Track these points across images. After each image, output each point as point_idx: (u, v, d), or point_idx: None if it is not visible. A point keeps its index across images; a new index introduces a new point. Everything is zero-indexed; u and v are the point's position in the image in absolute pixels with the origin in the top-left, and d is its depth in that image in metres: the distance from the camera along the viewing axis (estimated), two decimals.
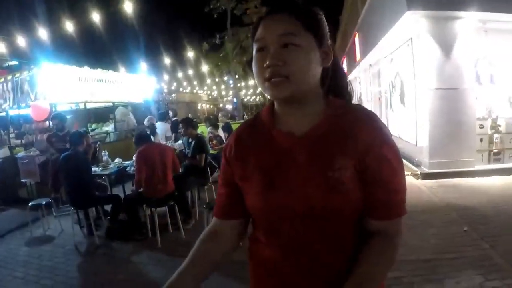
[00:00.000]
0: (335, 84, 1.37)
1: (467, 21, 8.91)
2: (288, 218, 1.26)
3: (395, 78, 12.16)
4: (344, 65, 26.16)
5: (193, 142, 7.46)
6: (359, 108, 1.31)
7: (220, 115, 13.71)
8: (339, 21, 36.23)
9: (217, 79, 34.42)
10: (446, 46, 8.93)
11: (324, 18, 1.31)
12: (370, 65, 17.00)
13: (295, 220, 1.24)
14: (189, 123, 7.74)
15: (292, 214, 1.24)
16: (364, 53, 16.10)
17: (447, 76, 8.95)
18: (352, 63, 20.85)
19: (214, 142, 9.85)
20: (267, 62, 1.18)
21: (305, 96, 1.25)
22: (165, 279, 3.74)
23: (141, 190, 6.47)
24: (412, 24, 9.29)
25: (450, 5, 8.53)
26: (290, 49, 1.18)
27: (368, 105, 18.87)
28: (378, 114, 11.36)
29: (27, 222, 7.56)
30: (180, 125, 7.84)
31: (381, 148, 1.22)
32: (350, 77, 25.08)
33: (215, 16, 25.42)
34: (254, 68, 1.25)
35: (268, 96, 1.27)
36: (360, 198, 1.23)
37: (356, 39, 18.07)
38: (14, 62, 16.09)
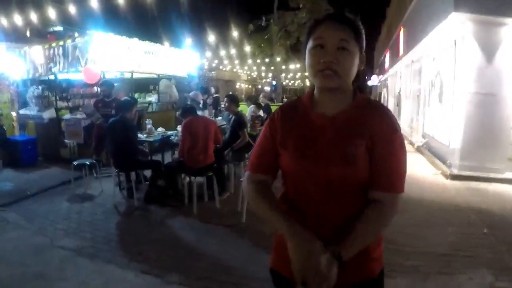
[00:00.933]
0: (361, 84, 1.72)
1: None
2: (312, 181, 1.60)
3: (436, 78, 12.10)
4: (387, 59, 25.92)
5: (233, 118, 7.69)
6: (378, 104, 1.69)
7: (261, 96, 13.87)
8: (386, 13, 35.82)
9: (258, 60, 34.37)
10: (489, 51, 8.87)
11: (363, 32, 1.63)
12: (413, 61, 16.84)
13: (318, 183, 1.59)
14: (233, 100, 8.01)
15: (316, 178, 1.59)
16: (408, 49, 15.95)
17: (487, 81, 8.91)
18: (395, 57, 20.66)
19: (256, 122, 9.92)
20: (325, 58, 1.52)
21: (343, 89, 1.61)
22: (197, 242, 4.12)
23: (182, 159, 6.78)
24: (457, 26, 9.22)
25: (496, 11, 8.43)
26: (343, 52, 1.52)
27: (406, 101, 18.75)
28: (415, 111, 11.50)
29: (68, 180, 8.02)
30: (225, 100, 8.07)
31: (390, 135, 1.57)
32: (391, 72, 24.85)
33: None
34: (309, 59, 1.59)
35: (317, 84, 1.62)
36: (367, 170, 1.57)
37: (401, 33, 17.90)
38: (59, 28, 16.46)
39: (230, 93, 9.51)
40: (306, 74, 1.66)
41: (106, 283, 4.24)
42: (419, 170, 10.15)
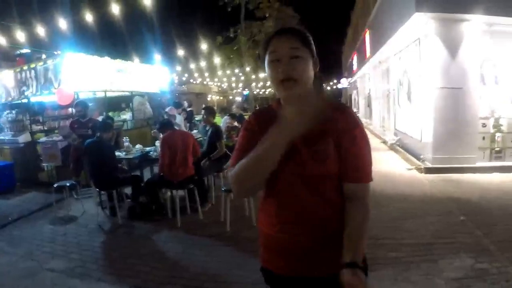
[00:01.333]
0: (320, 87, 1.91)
1: (473, 24, 9.25)
2: (289, 180, 1.76)
3: (403, 76, 12.49)
4: (355, 61, 26.31)
5: (210, 130, 7.85)
6: (339, 104, 1.86)
7: (234, 106, 14.04)
8: (350, 15, 36.33)
9: (228, 72, 34.54)
10: (452, 47, 9.28)
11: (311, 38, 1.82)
12: (380, 62, 17.25)
13: (295, 181, 1.75)
14: (211, 112, 8.22)
15: (292, 177, 1.75)
16: (374, 50, 16.39)
17: (453, 76, 9.30)
18: (362, 60, 21.05)
19: (232, 132, 9.99)
20: (282, 67, 1.69)
21: (305, 94, 1.73)
22: (184, 253, 4.36)
23: (162, 174, 6.93)
24: (420, 25, 9.61)
25: (457, 8, 8.85)
26: (297, 59, 1.69)
27: (376, 101, 19.13)
28: (386, 110, 11.85)
29: (49, 203, 8.08)
30: (202, 112, 8.23)
31: (353, 130, 1.73)
32: (359, 73, 25.25)
33: (229, 9, 25.59)
34: (269, 73, 1.76)
35: (281, 95, 1.80)
36: (335, 166, 1.73)
37: (367, 35, 18.29)
38: (26, 50, 16.35)
39: (208, 105, 9.64)
40: None
41: None
42: (394, 167, 10.49)
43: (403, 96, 12.79)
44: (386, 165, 10.82)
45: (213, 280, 4.56)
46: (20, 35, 14.41)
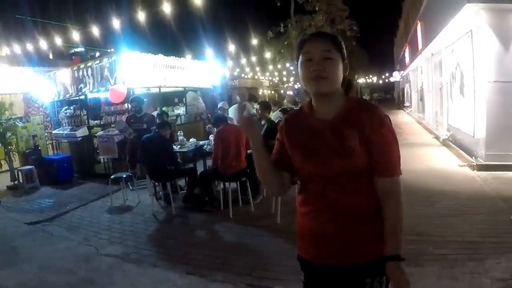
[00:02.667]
0: (350, 85, 2.05)
1: None
2: (319, 177, 1.88)
3: (456, 69, 12.08)
4: (407, 54, 25.73)
5: (265, 125, 7.84)
6: (367, 103, 1.94)
7: (285, 101, 14.02)
8: (402, 7, 35.54)
9: (279, 66, 34.53)
10: (506, 38, 8.83)
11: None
12: (432, 54, 16.77)
13: (324, 178, 1.87)
14: (267, 107, 8.22)
15: (321, 174, 1.87)
16: (426, 43, 15.97)
17: (507, 69, 8.85)
18: (414, 52, 20.60)
19: None
20: (314, 67, 1.82)
21: (333, 93, 1.88)
22: (236, 243, 4.43)
23: (215, 167, 7.05)
24: (472, 16, 9.21)
25: None
26: (328, 60, 1.82)
27: (429, 95, 18.55)
28: (439, 104, 11.50)
29: (106, 193, 8.37)
30: (258, 107, 8.25)
31: (378, 128, 1.81)
32: (412, 66, 24.66)
33: (279, 4, 25.51)
34: (301, 72, 1.90)
35: (311, 91, 1.91)
36: (365, 161, 1.82)
37: (418, 27, 17.85)
38: (80, 49, 16.92)
39: (263, 100, 9.66)
40: None
41: (153, 284, 4.47)
42: (445, 163, 10.20)
43: (455, 90, 12.32)
44: (438, 161, 10.54)
45: (263, 269, 4.61)
46: (75, 35, 14.95)
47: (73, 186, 10.09)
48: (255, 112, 8.48)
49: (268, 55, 28.70)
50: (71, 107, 12.29)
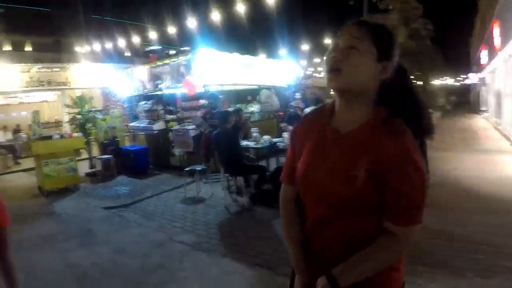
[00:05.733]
0: (399, 99, 1.54)
1: None
2: (316, 197, 1.59)
3: None
4: (483, 55, 24.51)
5: None
6: (394, 124, 1.46)
7: None
8: (477, 5, 33.94)
9: None
10: None
11: (394, 39, 1.54)
12: (510, 55, 15.87)
13: (321, 200, 1.56)
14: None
15: (319, 195, 1.57)
16: (504, 43, 14.97)
17: None
18: (491, 53, 19.52)
19: None
20: (332, 57, 1.47)
21: (356, 97, 1.51)
22: None
23: None
24: None
25: None
26: (352, 50, 1.43)
27: (508, 99, 17.56)
28: None
29: (180, 185, 8.59)
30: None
31: (400, 161, 1.39)
32: (488, 68, 23.49)
33: (352, 2, 25.09)
34: (325, 59, 1.53)
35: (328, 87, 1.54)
36: (371, 198, 1.44)
37: (495, 27, 16.88)
38: (156, 47, 17.49)
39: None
40: None
41: (222, 273, 4.51)
42: None
43: None
44: None
45: None
46: (152, 34, 15.43)
47: (148, 176, 10.42)
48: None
49: None
50: (149, 102, 12.66)
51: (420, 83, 31.87)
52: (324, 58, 1.52)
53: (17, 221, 7.02)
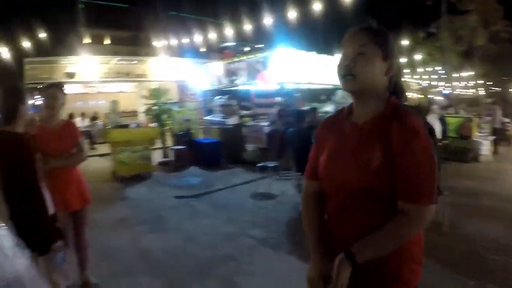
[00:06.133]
0: (397, 89, 1.73)
1: None
2: (337, 187, 1.67)
3: None
4: None
5: None
6: (403, 110, 1.60)
7: (435, 106, 13.23)
8: None
9: (429, 69, 32.52)
10: None
11: (392, 39, 1.69)
12: None
13: (342, 189, 1.64)
14: (421, 112, 7.80)
15: (340, 184, 1.65)
16: None
17: None
18: None
19: None
20: (345, 63, 1.61)
21: (369, 94, 1.64)
22: None
23: None
24: None
25: None
26: (361, 56, 1.57)
27: None
28: None
29: (251, 179, 8.57)
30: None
31: (409, 141, 1.48)
32: None
33: (430, 3, 24.18)
34: (337, 66, 1.68)
35: (343, 89, 1.69)
36: (386, 183, 1.52)
37: None
38: (231, 43, 17.76)
39: (414, 105, 9.27)
40: (480, 81, 1.61)
41: (288, 271, 4.39)
42: None
43: None
44: None
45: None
46: (228, 30, 15.58)
47: (220, 169, 10.47)
48: None
49: (418, 56, 27.22)
50: (224, 97, 12.79)
51: (498, 89, 30.48)
52: (337, 66, 1.69)
53: (93, 204, 7.20)
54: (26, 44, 14.93)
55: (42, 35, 15.42)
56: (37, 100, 15.29)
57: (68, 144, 3.59)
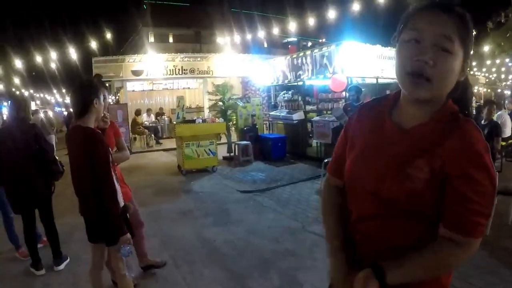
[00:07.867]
0: (464, 97, 1.38)
1: None
2: (364, 193, 1.37)
3: None
4: None
5: (487, 126, 7.18)
6: (466, 123, 1.25)
7: (506, 101, 12.70)
8: None
9: (497, 61, 30.52)
10: None
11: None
12: None
13: (369, 197, 1.35)
14: (493, 105, 7.52)
15: (368, 191, 1.35)
16: None
17: None
18: None
19: None
20: (419, 56, 1.19)
21: (432, 102, 1.28)
22: None
23: None
24: None
25: None
26: (444, 53, 1.19)
27: None
28: None
29: (316, 175, 8.49)
30: (487, 107, 7.55)
31: (468, 165, 1.18)
32: None
33: None
34: (399, 57, 1.28)
35: (404, 92, 1.32)
36: (425, 201, 1.24)
37: None
38: (293, 39, 17.67)
39: (491, 99, 8.93)
40: None
41: None
42: None
43: None
44: None
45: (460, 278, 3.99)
46: (291, 26, 15.56)
47: (284, 164, 10.51)
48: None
49: (486, 48, 25.50)
50: (289, 92, 12.80)
51: None
52: (399, 54, 1.29)
53: (159, 195, 7.61)
54: (94, 44, 15.51)
55: (109, 35, 15.98)
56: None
57: (113, 143, 3.76)
